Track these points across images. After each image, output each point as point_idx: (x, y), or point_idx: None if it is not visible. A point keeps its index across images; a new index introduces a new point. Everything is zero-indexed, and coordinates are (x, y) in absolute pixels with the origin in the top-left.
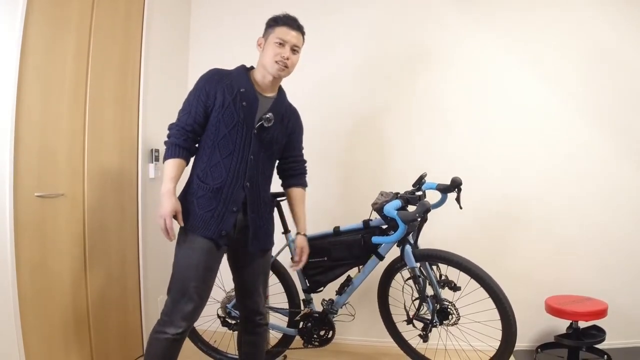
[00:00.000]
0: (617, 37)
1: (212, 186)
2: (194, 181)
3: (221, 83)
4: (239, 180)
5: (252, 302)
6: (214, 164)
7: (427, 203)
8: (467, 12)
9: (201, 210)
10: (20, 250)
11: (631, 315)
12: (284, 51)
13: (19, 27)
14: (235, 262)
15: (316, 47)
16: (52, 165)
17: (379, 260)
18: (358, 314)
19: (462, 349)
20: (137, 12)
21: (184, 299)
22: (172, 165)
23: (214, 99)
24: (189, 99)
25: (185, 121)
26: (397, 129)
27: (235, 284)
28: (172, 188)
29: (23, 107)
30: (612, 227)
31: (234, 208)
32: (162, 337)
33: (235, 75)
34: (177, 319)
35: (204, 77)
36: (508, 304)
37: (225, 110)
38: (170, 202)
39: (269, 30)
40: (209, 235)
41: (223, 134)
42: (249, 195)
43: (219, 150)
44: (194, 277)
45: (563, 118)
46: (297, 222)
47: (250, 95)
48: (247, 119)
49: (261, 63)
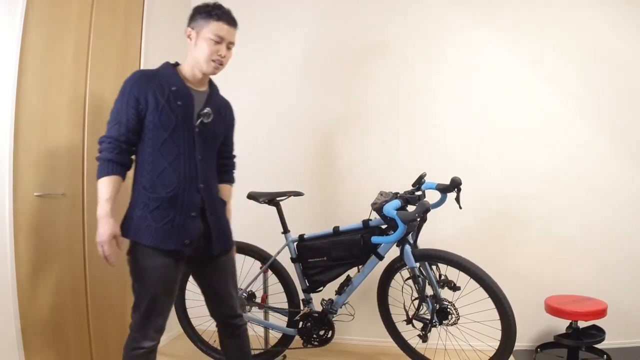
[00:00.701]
0: (617, 37)
1: (165, 195)
2: (140, 194)
3: (150, 84)
4: (192, 184)
5: (228, 307)
6: (161, 171)
7: (427, 203)
8: (466, 12)
9: (159, 224)
10: (20, 250)
11: (631, 315)
12: (221, 49)
13: (19, 26)
14: (201, 271)
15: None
16: (51, 165)
17: (378, 260)
18: (357, 313)
19: (461, 348)
20: (136, 12)
21: (154, 314)
22: (106, 185)
23: (146, 103)
24: (117, 107)
25: (117, 132)
26: (397, 129)
27: (206, 294)
28: (108, 210)
29: (23, 106)
30: (612, 227)
31: (192, 213)
32: (140, 352)
33: (162, 73)
34: (151, 332)
35: (129, 82)
36: (508, 303)
37: (161, 113)
38: (108, 226)
39: (202, 22)
40: (172, 247)
41: (164, 138)
42: (205, 198)
43: (162, 156)
44: (161, 292)
45: (563, 118)
46: None
47: (183, 92)
48: (185, 119)
49: (193, 58)
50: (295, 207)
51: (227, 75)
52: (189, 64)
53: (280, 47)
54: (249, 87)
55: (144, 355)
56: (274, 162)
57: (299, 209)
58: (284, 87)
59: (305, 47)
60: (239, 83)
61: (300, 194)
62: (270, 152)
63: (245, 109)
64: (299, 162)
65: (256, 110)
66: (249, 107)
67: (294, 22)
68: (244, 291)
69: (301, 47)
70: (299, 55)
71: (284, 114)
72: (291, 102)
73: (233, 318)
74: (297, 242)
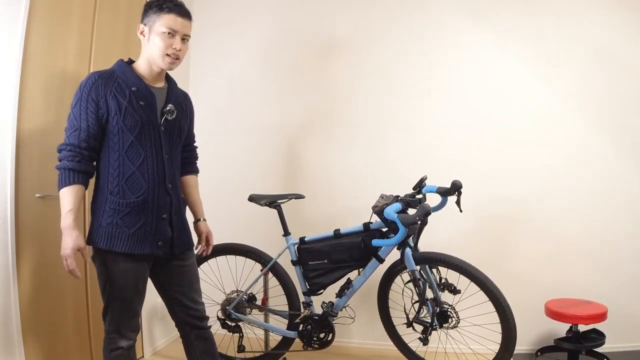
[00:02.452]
0: (617, 37)
1: (135, 200)
2: (107, 201)
3: (108, 87)
4: (161, 185)
5: (195, 310)
6: (128, 176)
7: (427, 206)
8: (467, 13)
9: (131, 229)
10: (21, 251)
11: (631, 319)
12: (175, 42)
13: (22, 27)
14: (163, 275)
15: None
16: (53, 166)
17: (379, 263)
18: (358, 316)
19: (461, 352)
20: (139, 12)
21: (128, 315)
22: (69, 195)
23: (106, 107)
24: (75, 113)
25: (77, 139)
26: (398, 132)
27: (170, 299)
28: (71, 222)
29: (25, 107)
30: (613, 228)
31: (163, 215)
32: (119, 352)
33: (119, 74)
34: (126, 332)
35: (87, 86)
36: (508, 307)
37: (125, 116)
38: (72, 239)
39: (153, 17)
40: (147, 251)
41: (129, 142)
42: (173, 197)
43: (129, 160)
44: (133, 294)
45: (563, 118)
46: (196, 208)
47: (144, 92)
48: (150, 118)
49: (148, 55)
50: (296, 210)
51: (232, 80)
52: (145, 61)
53: (279, 47)
54: (250, 87)
55: (124, 354)
56: (275, 165)
57: (299, 211)
58: (284, 88)
59: (303, 47)
60: (242, 86)
61: (301, 196)
62: (270, 154)
63: (246, 112)
64: (300, 164)
65: (257, 113)
66: (250, 110)
67: (289, 22)
68: (245, 293)
69: (300, 47)
70: (301, 56)
71: (284, 116)
72: (291, 104)
73: (201, 320)
74: (297, 244)
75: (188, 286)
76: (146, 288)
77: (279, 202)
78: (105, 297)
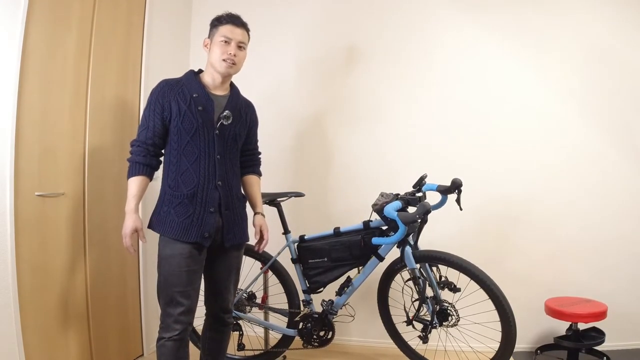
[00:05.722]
0: (617, 37)
1: (186, 192)
2: (166, 193)
3: (173, 92)
4: (210, 181)
5: (223, 299)
6: (183, 171)
7: (427, 204)
8: (466, 12)
9: (180, 218)
10: (20, 250)
11: (631, 317)
12: (230, 48)
13: (21, 27)
14: (210, 260)
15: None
16: (52, 164)
17: (379, 261)
18: (358, 314)
19: (461, 350)
20: (138, 12)
21: (172, 305)
22: (134, 184)
23: (170, 110)
24: (145, 114)
25: (144, 136)
26: (397, 131)
27: (205, 282)
28: (133, 206)
29: (24, 106)
30: (612, 227)
31: (211, 209)
32: (164, 342)
33: (185, 81)
34: (171, 323)
35: (155, 91)
36: (508, 305)
37: (183, 118)
38: (132, 221)
39: (214, 30)
40: (191, 239)
41: (186, 141)
42: (222, 194)
43: (185, 158)
44: (177, 283)
45: (563, 118)
46: (255, 203)
47: (203, 98)
48: (206, 122)
49: (210, 63)
50: (296, 208)
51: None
52: (208, 70)
53: (279, 47)
54: (250, 89)
55: (167, 346)
56: (275, 163)
57: (299, 209)
58: (284, 89)
59: (304, 48)
60: (241, 87)
61: (301, 194)
62: (270, 153)
63: None
64: (300, 163)
65: (258, 112)
66: None
67: (290, 24)
68: (244, 292)
69: (300, 48)
70: (298, 57)
71: (284, 116)
72: (292, 104)
73: (224, 312)
74: (297, 242)
75: (226, 276)
76: (197, 283)
77: (279, 200)
78: (158, 286)
